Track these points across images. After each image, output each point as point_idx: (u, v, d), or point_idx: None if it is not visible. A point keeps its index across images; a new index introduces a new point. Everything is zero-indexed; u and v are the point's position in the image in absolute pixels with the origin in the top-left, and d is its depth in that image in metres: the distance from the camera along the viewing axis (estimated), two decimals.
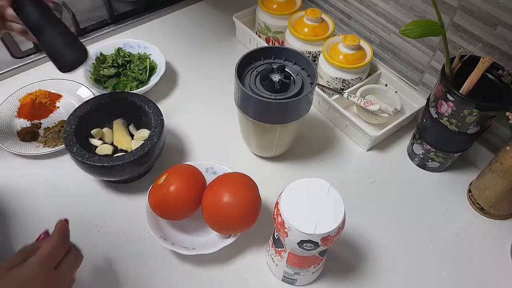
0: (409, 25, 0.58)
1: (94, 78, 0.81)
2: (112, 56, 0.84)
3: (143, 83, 0.81)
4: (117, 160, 0.63)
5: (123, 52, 0.85)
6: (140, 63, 0.83)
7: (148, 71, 0.83)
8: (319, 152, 0.77)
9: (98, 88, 0.78)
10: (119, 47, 0.86)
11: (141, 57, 0.85)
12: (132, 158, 0.63)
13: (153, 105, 0.70)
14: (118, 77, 0.82)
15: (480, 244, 0.66)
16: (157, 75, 0.82)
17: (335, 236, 0.50)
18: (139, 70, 0.82)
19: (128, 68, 0.83)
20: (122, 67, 0.83)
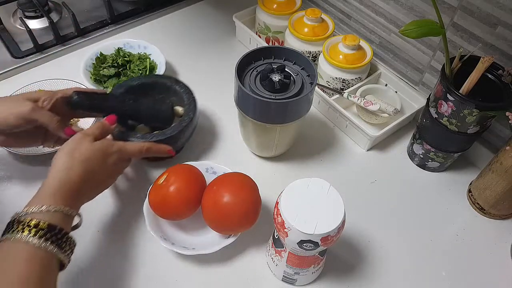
0: (409, 25, 0.58)
1: (94, 78, 0.81)
2: (112, 56, 0.84)
3: None
4: (159, 135, 0.66)
5: (123, 52, 0.85)
6: (140, 63, 0.83)
7: (148, 71, 0.82)
8: (319, 152, 0.77)
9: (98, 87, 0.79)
10: (119, 47, 0.86)
11: (141, 57, 0.85)
12: (172, 133, 0.66)
13: (183, 84, 0.74)
14: (118, 77, 0.82)
15: (480, 244, 0.66)
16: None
17: (335, 236, 0.50)
18: (139, 70, 0.82)
19: (128, 68, 0.82)
20: (122, 67, 0.82)
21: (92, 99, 0.64)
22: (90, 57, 0.83)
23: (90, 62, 0.83)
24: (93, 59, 0.83)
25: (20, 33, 0.92)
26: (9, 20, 0.95)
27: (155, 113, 0.70)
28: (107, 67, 0.81)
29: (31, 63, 0.88)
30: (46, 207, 0.48)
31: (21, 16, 0.94)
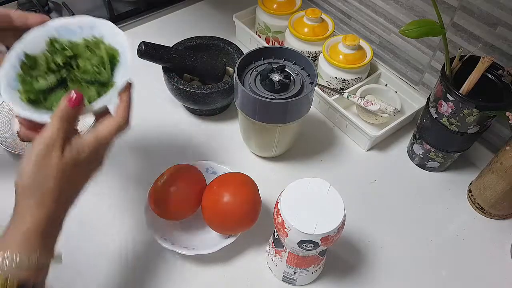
0: (409, 25, 0.58)
1: (27, 97, 0.48)
2: (45, 55, 0.52)
3: (106, 85, 0.51)
4: (212, 88, 0.72)
5: (59, 42, 0.52)
6: (92, 55, 0.52)
7: (107, 63, 0.52)
8: (319, 152, 0.77)
9: (39, 111, 0.47)
10: (50, 37, 0.52)
11: (89, 44, 0.53)
12: (225, 87, 0.73)
13: (235, 46, 0.80)
14: (65, 87, 0.51)
15: (480, 244, 0.66)
16: (124, 66, 0.51)
17: (335, 236, 0.50)
18: (94, 67, 0.51)
19: (76, 67, 0.52)
20: (65, 68, 0.51)
21: (158, 49, 0.70)
22: (11, 65, 0.50)
23: (12, 74, 0.49)
24: (17, 68, 0.50)
25: None
26: None
27: (210, 68, 0.76)
28: (41, 74, 0.50)
29: None
30: (15, 260, 0.39)
31: None
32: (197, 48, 0.79)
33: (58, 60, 0.51)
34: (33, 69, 0.51)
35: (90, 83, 0.51)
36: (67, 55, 0.52)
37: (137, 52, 0.68)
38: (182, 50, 0.75)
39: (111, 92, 0.49)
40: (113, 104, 0.48)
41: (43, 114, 0.46)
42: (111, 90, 0.49)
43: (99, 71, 0.51)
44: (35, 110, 0.47)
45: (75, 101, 0.44)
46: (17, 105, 0.47)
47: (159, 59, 0.71)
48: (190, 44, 0.79)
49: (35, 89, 0.50)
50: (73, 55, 0.52)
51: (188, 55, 0.74)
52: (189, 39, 0.80)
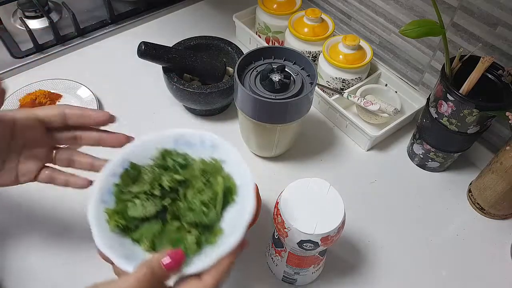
0: (409, 25, 0.58)
1: (116, 222, 0.41)
2: (152, 171, 0.44)
3: (210, 229, 0.42)
4: (212, 88, 0.72)
5: (173, 158, 0.45)
6: (205, 186, 0.43)
7: (220, 203, 0.43)
8: (319, 152, 0.77)
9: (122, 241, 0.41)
10: (164, 148, 0.45)
11: (206, 169, 0.45)
12: (225, 87, 0.73)
13: (235, 46, 0.80)
14: (162, 219, 0.43)
15: (480, 244, 0.66)
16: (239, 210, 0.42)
17: (335, 236, 0.50)
18: (202, 205, 0.42)
19: (182, 198, 0.43)
20: (170, 197, 0.43)
21: (158, 49, 0.70)
22: (111, 171, 0.44)
23: (109, 184, 0.43)
24: (116, 177, 0.44)
25: (20, 33, 0.92)
26: (9, 20, 0.95)
27: (210, 68, 0.76)
28: (140, 196, 0.43)
29: (31, 63, 0.87)
30: None
31: (21, 16, 0.94)
32: (197, 48, 0.79)
33: (164, 183, 0.43)
34: (134, 183, 0.43)
35: (193, 225, 0.41)
36: (177, 179, 0.43)
37: (137, 52, 0.68)
38: (182, 50, 0.75)
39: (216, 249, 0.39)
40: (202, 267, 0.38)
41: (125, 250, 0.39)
42: (215, 246, 0.40)
43: (206, 211, 0.42)
44: (119, 239, 0.40)
45: (172, 263, 0.36)
46: (99, 232, 0.39)
47: (159, 59, 0.71)
48: (190, 44, 0.79)
49: (128, 216, 0.42)
50: (183, 179, 0.44)
51: (188, 55, 0.74)
52: (189, 39, 0.80)
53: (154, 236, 0.41)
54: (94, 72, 0.87)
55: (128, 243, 0.41)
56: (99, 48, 0.93)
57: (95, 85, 0.83)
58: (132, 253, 0.39)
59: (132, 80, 0.87)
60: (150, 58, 0.70)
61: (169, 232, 0.41)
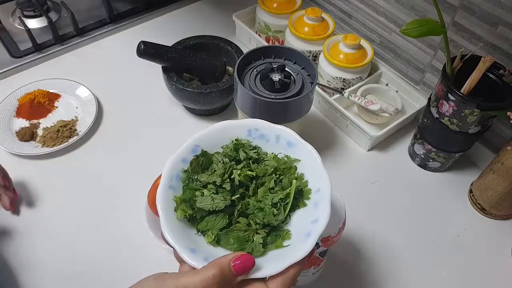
0: (410, 24, 0.58)
1: (182, 212, 0.40)
2: (225, 158, 0.43)
3: (277, 230, 0.40)
4: (212, 87, 0.72)
5: (246, 149, 0.43)
6: (278, 183, 0.42)
7: (291, 201, 0.41)
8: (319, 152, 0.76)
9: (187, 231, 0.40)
10: (238, 138, 0.44)
11: (279, 166, 0.43)
12: (225, 86, 0.72)
13: (235, 45, 0.80)
14: (229, 216, 0.41)
15: (481, 244, 0.66)
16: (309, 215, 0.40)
17: (335, 236, 0.49)
18: (273, 207, 0.40)
19: (252, 194, 0.42)
20: (240, 191, 0.42)
21: (157, 49, 0.70)
22: (183, 157, 0.43)
23: (179, 169, 0.42)
24: (187, 161, 0.42)
25: (19, 32, 0.92)
26: (8, 20, 0.95)
27: (210, 67, 0.76)
28: (209, 186, 0.42)
29: (30, 63, 0.87)
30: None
31: (20, 15, 0.94)
32: (197, 48, 0.79)
33: (236, 177, 0.41)
34: (203, 172, 0.42)
35: (260, 224, 0.40)
36: (249, 175, 0.42)
37: (137, 51, 0.68)
38: (181, 50, 0.75)
39: (282, 253, 0.37)
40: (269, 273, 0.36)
41: (189, 242, 0.38)
42: (281, 250, 0.38)
43: (275, 213, 0.40)
44: (184, 228, 0.40)
45: (242, 267, 0.35)
46: (166, 220, 0.38)
47: (158, 58, 0.71)
48: (190, 43, 0.79)
49: (195, 206, 0.41)
50: (256, 175, 0.42)
51: (188, 55, 0.74)
52: (189, 38, 0.80)
53: (220, 230, 0.40)
54: (93, 71, 0.87)
55: (192, 233, 0.40)
56: (98, 48, 0.93)
57: (94, 84, 0.83)
58: (196, 245, 0.38)
59: (132, 80, 0.86)
60: (150, 58, 0.70)
61: (235, 228, 0.40)
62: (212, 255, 0.37)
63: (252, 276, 0.36)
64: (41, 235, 0.63)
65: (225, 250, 0.39)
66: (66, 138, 0.74)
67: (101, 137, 0.77)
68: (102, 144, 0.76)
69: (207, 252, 0.38)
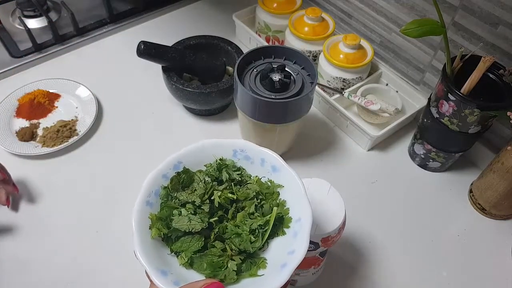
0: (410, 24, 0.58)
1: (157, 231, 0.40)
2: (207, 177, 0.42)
3: (252, 258, 0.40)
4: (212, 87, 0.72)
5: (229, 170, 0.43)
6: (258, 209, 0.41)
7: (270, 229, 0.40)
8: (319, 152, 0.76)
9: (159, 251, 0.40)
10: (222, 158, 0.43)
11: (261, 191, 0.42)
12: (224, 86, 0.72)
13: (235, 45, 0.80)
14: (205, 238, 0.41)
15: (481, 244, 0.66)
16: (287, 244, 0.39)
17: (335, 236, 0.49)
18: (251, 234, 0.40)
19: (232, 216, 0.41)
20: (219, 213, 0.41)
21: (157, 49, 0.69)
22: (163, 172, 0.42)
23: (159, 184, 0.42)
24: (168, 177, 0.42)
25: (19, 32, 0.92)
26: (8, 20, 0.95)
27: (210, 67, 0.76)
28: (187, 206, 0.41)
29: (30, 63, 0.87)
30: None
31: (19, 15, 0.94)
32: (197, 48, 0.79)
33: (216, 199, 0.40)
34: (183, 189, 0.41)
35: (236, 251, 0.39)
36: (229, 197, 0.41)
37: (137, 51, 0.68)
38: (181, 50, 0.75)
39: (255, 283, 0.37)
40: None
41: (161, 262, 0.38)
42: (255, 279, 0.37)
43: (253, 240, 0.39)
44: (157, 247, 0.39)
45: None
46: (140, 238, 0.38)
47: (158, 58, 0.71)
48: (190, 43, 0.79)
49: (171, 226, 0.40)
50: (236, 198, 0.41)
51: (188, 55, 0.74)
52: (189, 38, 0.80)
53: (194, 253, 0.39)
54: (93, 71, 0.87)
55: (166, 253, 0.40)
56: (98, 48, 0.93)
57: (94, 84, 0.83)
58: (168, 266, 0.38)
59: (132, 80, 0.86)
60: (150, 58, 0.70)
61: (210, 253, 0.39)
62: (183, 278, 0.36)
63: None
64: (41, 235, 0.63)
65: (198, 274, 0.38)
66: (66, 138, 0.74)
67: (101, 137, 0.77)
68: (102, 144, 0.76)
69: (178, 275, 0.37)
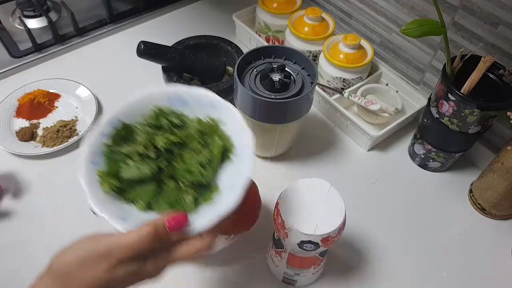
0: (410, 24, 0.58)
1: (109, 184, 0.40)
2: (147, 127, 0.43)
3: (207, 188, 0.42)
4: (211, 87, 0.71)
5: (167, 118, 0.43)
6: (201, 148, 0.43)
7: (218, 161, 0.42)
8: (319, 152, 0.76)
9: (116, 203, 0.41)
10: (158, 107, 0.44)
11: (202, 129, 0.44)
12: (224, 86, 0.72)
13: (235, 45, 0.79)
14: (157, 180, 0.42)
15: (481, 244, 0.66)
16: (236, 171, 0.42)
17: (335, 236, 0.49)
18: (199, 167, 0.42)
19: (179, 158, 0.43)
20: (166, 156, 0.42)
21: (157, 49, 0.69)
22: (100, 132, 0.42)
23: (99, 145, 0.41)
24: (106, 137, 0.42)
25: (19, 32, 0.92)
26: (8, 20, 0.95)
27: (210, 67, 0.76)
28: (133, 156, 0.42)
29: (30, 63, 0.87)
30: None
31: (20, 15, 0.94)
32: (197, 48, 0.79)
33: (159, 144, 0.41)
34: (125, 144, 0.42)
35: (190, 185, 0.41)
36: (173, 141, 0.42)
37: (137, 51, 0.68)
38: (181, 50, 0.75)
39: (212, 206, 0.39)
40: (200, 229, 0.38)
41: (120, 211, 0.38)
42: (212, 204, 0.40)
43: (203, 173, 0.41)
44: (113, 200, 0.40)
45: (176, 225, 0.37)
46: (93, 194, 0.39)
47: (158, 58, 0.71)
48: (190, 43, 0.79)
49: (121, 178, 0.40)
50: (181, 142, 0.42)
51: (188, 55, 0.74)
52: (189, 38, 0.80)
53: (150, 197, 0.41)
54: (93, 71, 0.87)
55: (122, 203, 0.40)
56: (98, 48, 0.93)
57: (94, 84, 0.83)
58: (127, 213, 0.39)
59: (132, 80, 0.86)
60: (150, 58, 0.70)
61: (165, 192, 0.41)
62: (145, 221, 0.37)
63: (189, 233, 0.37)
64: (40, 235, 0.63)
65: (158, 214, 0.39)
66: (66, 138, 0.74)
67: None
68: None
69: (139, 219, 0.38)
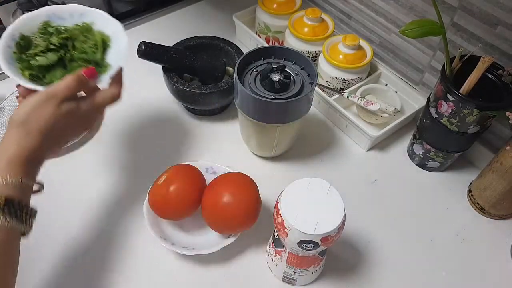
0: (409, 25, 0.58)
1: (28, 73, 0.54)
2: (41, 35, 0.56)
3: (100, 66, 0.56)
4: (212, 88, 0.72)
5: (52, 26, 0.57)
6: (86, 38, 0.57)
7: (101, 46, 0.57)
8: (319, 152, 0.77)
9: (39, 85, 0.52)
10: (44, 20, 0.57)
11: (82, 30, 0.58)
12: (225, 86, 0.72)
13: (235, 46, 0.80)
14: (63, 65, 0.56)
15: (480, 244, 0.66)
16: (116, 50, 0.57)
17: (335, 236, 0.49)
18: (90, 48, 0.56)
19: (72, 48, 0.56)
20: (63, 49, 0.56)
21: (158, 49, 0.70)
22: (6, 45, 0.54)
23: (8, 53, 0.54)
24: (11, 47, 0.55)
25: None
26: (9, 20, 0.95)
27: (210, 68, 0.76)
28: (39, 53, 0.55)
29: None
30: (2, 179, 0.44)
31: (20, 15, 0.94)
32: (197, 48, 0.79)
33: (54, 40, 0.55)
34: (27, 50, 0.55)
35: (88, 62, 0.56)
36: (63, 36, 0.56)
37: (137, 52, 0.68)
38: (182, 50, 0.75)
39: (108, 72, 0.54)
40: (105, 84, 0.54)
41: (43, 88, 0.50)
42: (107, 71, 0.55)
43: (95, 51, 0.56)
44: (35, 85, 0.52)
45: (91, 71, 0.52)
46: (20, 79, 0.51)
47: (158, 59, 0.71)
48: (190, 44, 0.79)
49: (35, 66, 0.54)
50: (67, 37, 0.56)
51: (188, 55, 0.74)
52: (189, 39, 0.80)
53: (61, 76, 0.54)
54: None
55: (44, 87, 0.51)
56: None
57: None
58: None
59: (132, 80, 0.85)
60: (150, 58, 0.70)
61: (71, 70, 0.55)
62: None
63: (98, 81, 0.53)
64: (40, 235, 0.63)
65: None
66: None
67: (101, 137, 0.77)
68: (102, 144, 0.76)
69: None
